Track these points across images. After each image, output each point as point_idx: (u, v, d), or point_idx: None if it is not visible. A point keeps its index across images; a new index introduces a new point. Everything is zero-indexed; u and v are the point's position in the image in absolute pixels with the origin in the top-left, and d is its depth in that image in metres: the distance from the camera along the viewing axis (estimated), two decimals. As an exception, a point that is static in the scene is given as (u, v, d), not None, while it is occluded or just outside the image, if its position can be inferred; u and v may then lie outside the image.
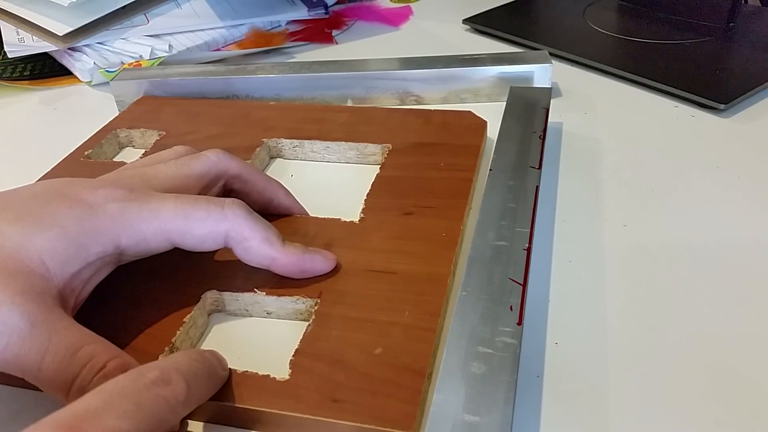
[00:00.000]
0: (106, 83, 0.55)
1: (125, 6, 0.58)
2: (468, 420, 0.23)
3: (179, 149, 0.34)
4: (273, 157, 0.44)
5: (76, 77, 0.58)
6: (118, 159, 0.45)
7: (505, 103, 0.43)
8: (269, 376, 0.26)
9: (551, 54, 0.51)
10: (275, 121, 0.45)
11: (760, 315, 0.30)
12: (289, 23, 0.65)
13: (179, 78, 0.50)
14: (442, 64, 0.49)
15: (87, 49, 0.57)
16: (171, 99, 0.50)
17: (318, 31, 0.64)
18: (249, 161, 0.40)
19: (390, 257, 0.32)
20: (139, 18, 0.59)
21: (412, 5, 0.71)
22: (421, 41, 0.62)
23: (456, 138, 0.41)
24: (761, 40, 0.54)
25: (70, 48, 0.57)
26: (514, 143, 0.39)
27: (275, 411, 0.25)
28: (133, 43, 0.58)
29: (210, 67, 0.52)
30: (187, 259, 0.31)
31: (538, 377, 0.28)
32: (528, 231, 0.31)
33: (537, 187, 0.35)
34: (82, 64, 0.56)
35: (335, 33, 0.64)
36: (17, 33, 0.58)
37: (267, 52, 0.61)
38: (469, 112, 0.44)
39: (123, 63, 0.56)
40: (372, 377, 0.26)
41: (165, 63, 0.56)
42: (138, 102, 0.49)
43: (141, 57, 0.56)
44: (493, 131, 0.41)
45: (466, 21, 0.63)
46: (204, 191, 0.32)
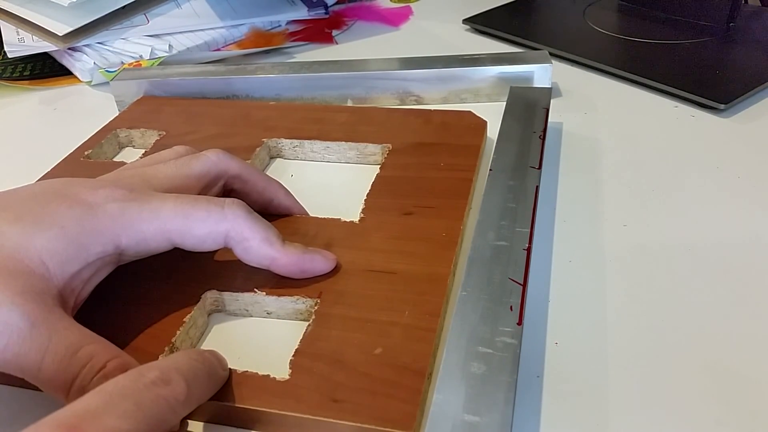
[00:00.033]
0: (106, 83, 0.55)
1: (125, 6, 0.58)
2: (468, 420, 0.23)
3: (179, 149, 0.34)
4: (273, 157, 0.44)
5: (76, 77, 0.58)
6: (118, 159, 0.45)
7: (505, 103, 0.43)
8: (269, 376, 0.26)
9: (551, 54, 0.51)
10: (275, 121, 0.45)
11: (760, 315, 0.30)
12: (289, 23, 0.65)
13: (179, 78, 0.50)
14: (442, 64, 0.49)
15: (87, 49, 0.57)
16: (171, 99, 0.50)
17: (318, 31, 0.64)
18: (249, 161, 0.40)
19: (390, 257, 0.32)
20: (139, 18, 0.59)
21: (412, 5, 0.71)
22: (421, 41, 0.62)
23: (456, 138, 0.41)
24: (761, 40, 0.54)
25: (70, 48, 0.57)
26: (514, 143, 0.39)
27: (275, 411, 0.25)
28: (133, 43, 0.58)
29: (210, 67, 0.52)
30: (187, 259, 0.31)
31: (538, 377, 0.28)
32: (528, 231, 0.31)
33: (537, 187, 0.35)
34: (82, 64, 0.56)
35: (335, 33, 0.64)
36: (17, 33, 0.58)
37: (267, 52, 0.61)
38: (469, 112, 0.44)
39: (123, 63, 0.56)
40: (372, 377, 0.26)
41: (165, 63, 0.56)
42: (138, 102, 0.49)
43: (141, 57, 0.56)
44: (493, 131, 0.41)
45: (466, 21, 0.63)
46: (204, 191, 0.32)
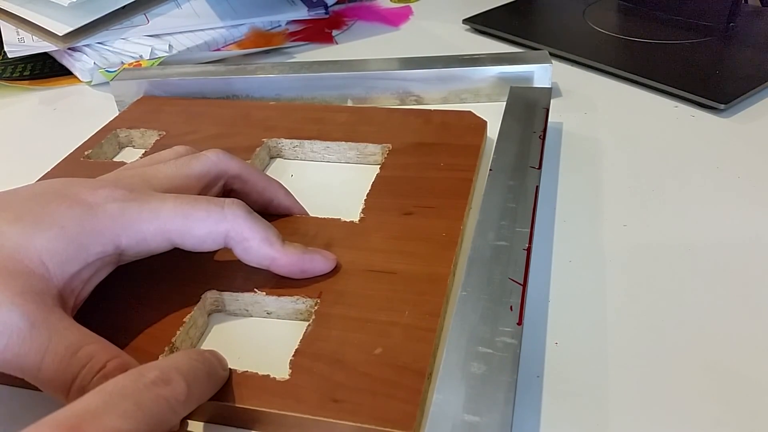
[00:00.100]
0: (106, 83, 0.55)
1: (125, 6, 0.58)
2: (468, 420, 0.23)
3: (179, 149, 0.34)
4: (273, 157, 0.44)
5: (76, 77, 0.58)
6: (118, 159, 0.45)
7: (505, 103, 0.43)
8: (269, 376, 0.26)
9: (551, 54, 0.51)
10: (275, 121, 0.45)
11: (760, 315, 0.30)
12: (289, 23, 0.65)
13: (179, 78, 0.50)
14: (442, 64, 0.49)
15: (87, 49, 0.57)
16: (171, 99, 0.50)
17: (318, 31, 0.64)
18: (249, 161, 0.40)
19: (390, 257, 0.32)
20: (139, 18, 0.59)
21: (412, 5, 0.71)
22: (421, 41, 0.62)
23: (456, 138, 0.41)
24: (761, 40, 0.54)
25: (70, 48, 0.57)
26: (514, 143, 0.39)
27: (275, 411, 0.25)
28: (133, 43, 0.58)
29: (210, 67, 0.52)
30: (187, 259, 0.31)
31: (538, 377, 0.28)
32: (528, 231, 0.31)
33: (537, 187, 0.35)
34: (82, 64, 0.56)
35: (335, 33, 0.64)
36: (17, 33, 0.58)
37: (267, 52, 0.61)
38: (469, 112, 0.44)
39: (123, 63, 0.56)
40: (372, 377, 0.26)
41: (165, 63, 0.56)
42: (138, 102, 0.49)
43: (141, 57, 0.56)
44: (493, 131, 0.41)
45: (466, 21, 0.63)
46: (204, 191, 0.32)
